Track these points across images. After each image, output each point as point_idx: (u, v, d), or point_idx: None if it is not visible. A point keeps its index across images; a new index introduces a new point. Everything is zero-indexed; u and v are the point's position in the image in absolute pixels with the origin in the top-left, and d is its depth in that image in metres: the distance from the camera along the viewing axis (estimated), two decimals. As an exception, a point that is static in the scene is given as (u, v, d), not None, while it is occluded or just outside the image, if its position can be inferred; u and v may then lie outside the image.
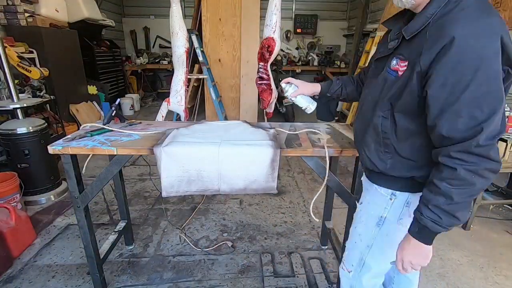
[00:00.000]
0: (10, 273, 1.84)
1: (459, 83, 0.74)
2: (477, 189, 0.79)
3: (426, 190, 0.85)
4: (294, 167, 3.61)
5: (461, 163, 0.76)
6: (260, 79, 2.32)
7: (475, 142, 0.74)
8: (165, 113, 2.32)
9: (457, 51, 0.73)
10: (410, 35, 0.85)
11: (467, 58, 0.73)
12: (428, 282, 1.86)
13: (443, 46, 0.75)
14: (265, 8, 2.23)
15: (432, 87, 0.78)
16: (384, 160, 0.98)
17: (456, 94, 0.75)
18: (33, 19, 3.80)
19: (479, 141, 0.74)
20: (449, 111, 0.77)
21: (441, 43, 0.75)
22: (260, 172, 1.33)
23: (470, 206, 0.84)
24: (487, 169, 0.77)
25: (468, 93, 0.74)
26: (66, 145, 1.33)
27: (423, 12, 0.82)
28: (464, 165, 0.76)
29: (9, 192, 2.26)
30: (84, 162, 1.59)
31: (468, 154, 0.76)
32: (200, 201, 2.73)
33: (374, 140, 0.99)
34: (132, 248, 2.10)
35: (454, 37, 0.73)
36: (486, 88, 0.73)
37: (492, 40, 0.73)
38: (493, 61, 0.73)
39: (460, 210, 0.81)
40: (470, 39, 0.73)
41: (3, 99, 2.82)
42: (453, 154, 0.77)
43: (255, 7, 3.95)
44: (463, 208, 0.81)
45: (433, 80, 0.78)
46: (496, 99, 0.74)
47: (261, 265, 1.96)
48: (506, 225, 2.47)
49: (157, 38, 8.07)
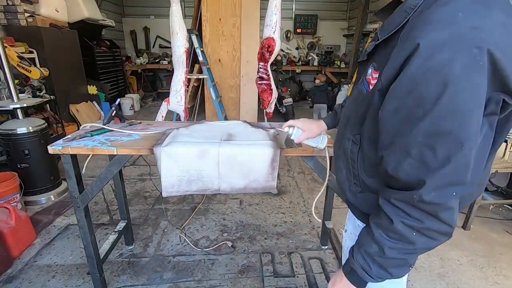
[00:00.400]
0: (10, 273, 1.84)
1: (414, 111, 0.56)
2: (417, 249, 0.63)
3: (363, 231, 0.72)
4: (294, 167, 3.61)
5: (402, 215, 0.61)
6: (260, 79, 2.32)
7: (417, 196, 0.58)
8: (165, 113, 2.33)
9: (418, 66, 0.53)
10: (382, 38, 0.65)
11: (429, 78, 0.52)
12: (428, 282, 1.86)
13: (406, 58, 0.55)
14: (265, 8, 2.23)
15: (385, 110, 0.61)
16: (354, 193, 0.81)
17: (409, 124, 0.57)
18: (33, 19, 3.81)
19: (422, 196, 0.57)
20: (399, 144, 0.60)
21: (405, 52, 0.56)
22: (260, 172, 1.33)
23: (409, 263, 0.67)
24: (434, 230, 0.60)
25: (422, 127, 0.55)
26: (66, 145, 1.33)
27: (403, 5, 0.61)
28: (404, 219, 0.61)
29: (9, 192, 2.26)
30: (84, 162, 1.59)
31: (411, 207, 0.60)
32: (200, 201, 2.73)
33: (345, 167, 0.82)
34: (132, 248, 2.10)
35: (419, 45, 0.53)
36: (443, 126, 0.53)
37: (470, 55, 0.50)
38: (465, 89, 0.51)
39: (393, 267, 0.67)
40: (437, 52, 0.51)
41: (3, 99, 2.82)
42: (393, 201, 0.62)
43: (255, 7, 3.95)
44: (397, 265, 0.67)
45: (387, 101, 0.60)
46: (455, 143, 0.54)
47: (261, 265, 1.96)
48: (506, 225, 2.47)
49: (157, 38, 8.07)
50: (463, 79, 0.51)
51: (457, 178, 0.57)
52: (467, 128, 0.54)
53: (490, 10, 0.52)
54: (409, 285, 1.83)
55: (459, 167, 0.56)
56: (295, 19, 7.95)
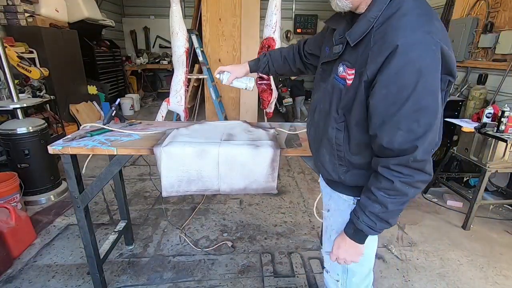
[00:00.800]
0: (10, 273, 1.84)
1: (399, 95, 0.74)
2: (408, 198, 0.83)
3: (364, 196, 0.88)
4: (294, 167, 3.61)
5: (398, 175, 0.79)
6: (260, 79, 2.32)
7: (412, 157, 0.77)
8: (165, 113, 2.33)
9: (399, 62, 0.72)
10: (354, 42, 0.81)
11: (407, 70, 0.72)
12: (428, 282, 1.86)
13: (387, 55, 0.73)
14: (265, 8, 2.23)
15: (375, 97, 0.77)
16: (340, 172, 0.96)
17: (396, 106, 0.75)
18: (33, 19, 3.80)
19: (416, 157, 0.76)
20: (389, 123, 0.76)
21: (386, 51, 0.73)
22: (260, 172, 1.33)
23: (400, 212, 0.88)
24: (420, 181, 0.81)
25: (407, 107, 0.74)
26: (66, 145, 1.33)
27: (365, 15, 0.79)
28: (401, 178, 0.79)
29: (9, 192, 2.26)
30: (84, 162, 1.59)
31: (405, 167, 0.78)
32: (200, 201, 2.73)
33: (329, 152, 0.96)
34: (132, 248, 2.10)
35: (398, 45, 0.71)
36: (424, 103, 0.73)
37: (431, 51, 0.72)
38: (432, 74, 0.73)
39: (392, 217, 0.86)
40: (411, 51, 0.71)
41: (3, 99, 2.82)
42: (392, 166, 0.79)
43: (255, 7, 3.96)
44: (395, 215, 0.86)
45: (376, 90, 0.77)
46: (432, 114, 0.75)
47: (261, 265, 1.96)
48: (506, 225, 2.47)
49: (157, 38, 8.07)
50: (431, 68, 0.72)
51: (434, 139, 0.78)
52: (437, 102, 0.75)
53: (432, 20, 0.75)
54: (409, 285, 1.83)
55: (436, 131, 0.78)
56: (295, 19, 7.95)
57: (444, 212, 2.68)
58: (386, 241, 2.22)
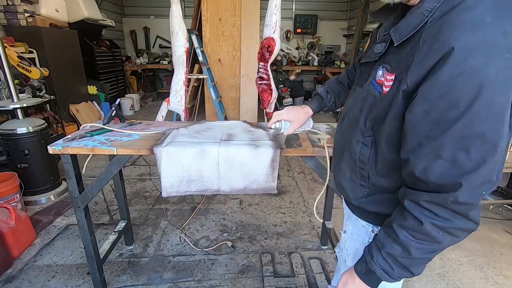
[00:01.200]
0: (10, 273, 1.84)
1: (447, 114, 0.56)
2: (441, 248, 0.65)
3: (383, 232, 0.71)
4: (294, 167, 3.61)
5: (430, 216, 0.61)
6: (260, 79, 2.32)
7: (453, 197, 0.58)
8: (165, 113, 2.33)
9: (452, 70, 0.54)
10: (400, 40, 0.65)
11: (463, 82, 0.53)
12: (428, 282, 1.86)
13: (438, 60, 0.56)
14: (265, 8, 2.23)
15: (413, 112, 0.60)
16: (360, 195, 0.82)
17: (441, 127, 0.57)
18: (33, 19, 3.81)
19: (458, 198, 0.58)
20: (428, 147, 0.59)
21: (436, 54, 0.56)
22: (260, 172, 1.33)
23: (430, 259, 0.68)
24: (461, 229, 0.62)
25: (455, 130, 0.55)
26: (66, 145, 1.33)
27: (419, 8, 0.62)
28: (434, 220, 0.61)
29: (9, 192, 2.26)
30: (84, 162, 1.59)
31: (441, 208, 0.60)
32: (200, 201, 2.73)
33: (350, 168, 0.82)
34: (132, 248, 2.10)
35: (454, 48, 0.53)
36: (479, 129, 0.54)
37: (503, 60, 0.52)
38: (498, 92, 0.53)
39: (415, 266, 0.68)
40: (471, 56, 0.52)
41: (3, 99, 2.82)
42: (423, 203, 0.62)
43: (255, 7, 3.96)
44: (420, 264, 0.68)
45: (416, 102, 0.60)
46: (489, 145, 0.55)
47: (261, 265, 1.96)
48: (506, 225, 2.47)
49: (157, 38, 8.07)
50: (498, 83, 0.52)
51: (489, 178, 0.58)
52: (500, 131, 0.55)
53: (510, 17, 0.53)
54: (409, 285, 1.83)
55: (493, 168, 0.57)
56: (295, 19, 7.95)
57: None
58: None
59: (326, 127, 1.72)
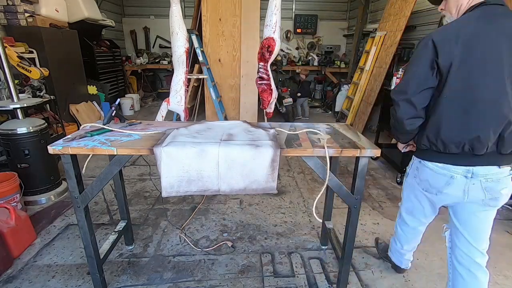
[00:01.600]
0: (10, 273, 1.84)
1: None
2: (393, 125, 1.37)
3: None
4: (294, 167, 3.61)
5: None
6: (260, 79, 2.31)
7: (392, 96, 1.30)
8: (165, 113, 2.32)
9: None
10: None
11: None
12: (428, 282, 1.86)
13: None
14: (265, 8, 2.23)
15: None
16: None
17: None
18: (33, 19, 3.81)
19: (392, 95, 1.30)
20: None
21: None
22: (260, 172, 1.33)
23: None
24: (392, 114, 1.33)
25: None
26: (66, 145, 1.33)
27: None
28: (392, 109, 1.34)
29: (9, 192, 2.26)
30: (84, 162, 1.59)
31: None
32: (200, 201, 2.73)
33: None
34: (132, 248, 2.10)
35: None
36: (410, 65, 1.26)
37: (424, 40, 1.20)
38: (418, 52, 1.22)
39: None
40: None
41: (3, 99, 2.82)
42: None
43: (255, 7, 3.96)
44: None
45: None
46: (407, 72, 1.26)
47: (261, 265, 1.96)
48: (506, 225, 2.47)
49: (157, 38, 8.08)
50: (418, 49, 1.23)
51: (406, 87, 1.25)
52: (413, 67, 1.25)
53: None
54: (409, 285, 1.83)
55: (405, 83, 1.25)
56: (295, 19, 7.96)
57: (444, 212, 2.67)
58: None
59: (326, 128, 1.72)
